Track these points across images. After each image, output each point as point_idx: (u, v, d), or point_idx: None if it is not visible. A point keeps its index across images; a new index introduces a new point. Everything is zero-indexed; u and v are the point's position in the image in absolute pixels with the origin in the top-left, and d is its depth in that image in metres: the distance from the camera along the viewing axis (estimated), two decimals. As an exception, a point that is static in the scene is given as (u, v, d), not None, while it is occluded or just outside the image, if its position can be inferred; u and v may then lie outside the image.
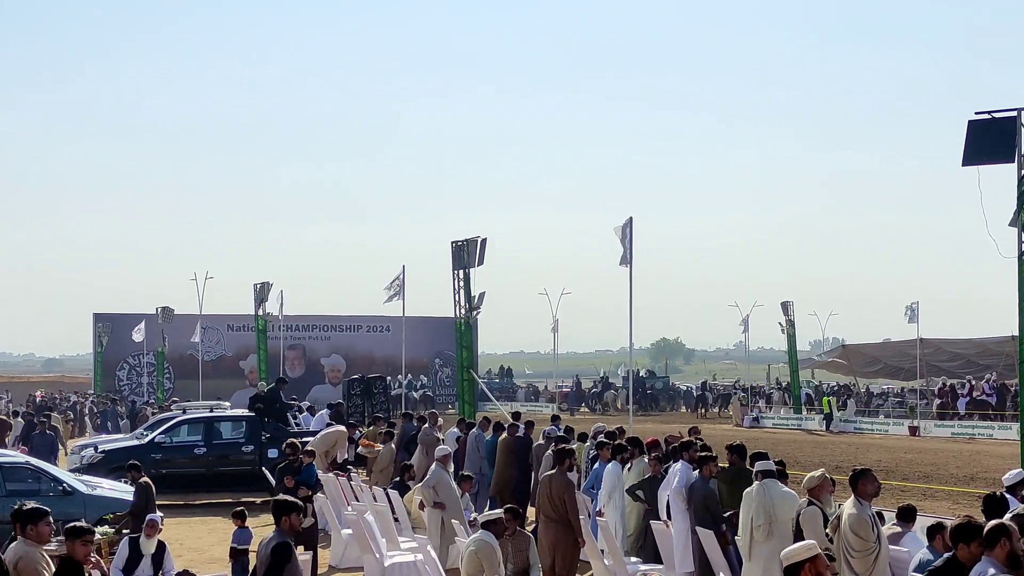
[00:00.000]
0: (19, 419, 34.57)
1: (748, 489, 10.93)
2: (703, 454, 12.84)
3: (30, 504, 8.89)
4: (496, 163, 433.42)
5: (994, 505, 9.29)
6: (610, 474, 14.44)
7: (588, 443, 17.73)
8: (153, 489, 14.74)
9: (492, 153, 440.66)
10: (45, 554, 8.52)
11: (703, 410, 59.88)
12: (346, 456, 21.28)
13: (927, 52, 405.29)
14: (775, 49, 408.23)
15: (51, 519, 8.71)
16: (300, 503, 9.13)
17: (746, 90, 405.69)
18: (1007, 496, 10.34)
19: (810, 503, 10.06)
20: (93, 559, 9.16)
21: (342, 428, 21.29)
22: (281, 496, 9.55)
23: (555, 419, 22.37)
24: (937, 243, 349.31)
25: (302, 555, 12.09)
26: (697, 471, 12.43)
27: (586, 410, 62.90)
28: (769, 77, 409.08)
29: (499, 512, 10.95)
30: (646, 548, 13.78)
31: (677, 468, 13.12)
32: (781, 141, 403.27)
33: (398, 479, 17.67)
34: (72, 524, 8.57)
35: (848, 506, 9.19)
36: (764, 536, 10.41)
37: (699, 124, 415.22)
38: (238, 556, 13.56)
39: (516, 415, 21.34)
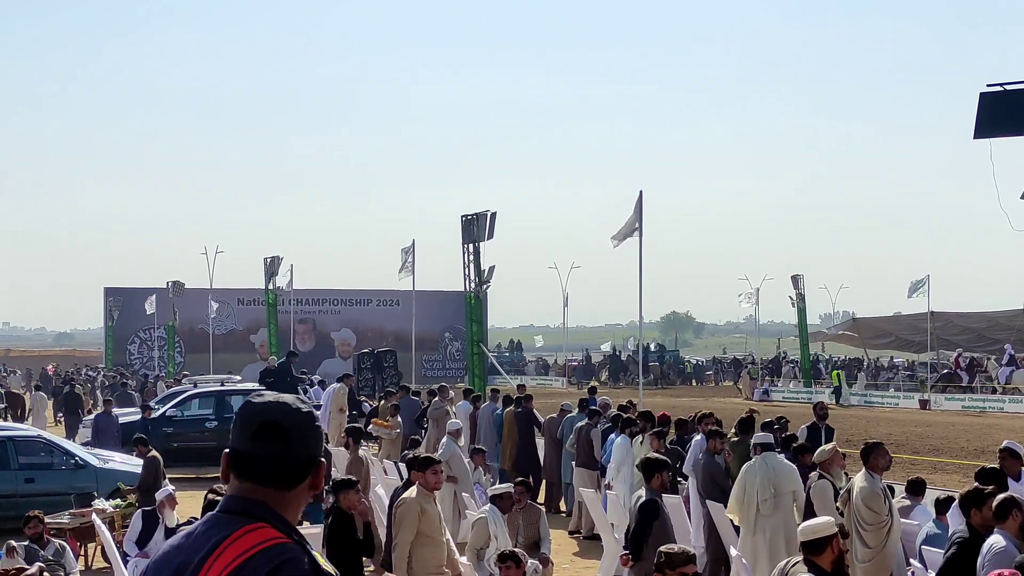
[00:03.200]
0: (41, 393, 34.62)
1: (748, 463, 10.89)
2: (710, 428, 12.83)
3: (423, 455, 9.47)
4: (506, 137, 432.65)
5: (989, 477, 9.29)
6: (619, 448, 14.43)
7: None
8: (161, 462, 14.77)
9: (502, 127, 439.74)
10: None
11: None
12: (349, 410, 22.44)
13: (940, 21, 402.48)
14: (788, 19, 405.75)
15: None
16: (668, 461, 9.37)
17: (757, 61, 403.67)
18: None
19: (820, 476, 10.05)
20: None
21: (338, 384, 22.53)
22: (652, 454, 9.72)
23: (592, 391, 22.31)
24: (948, 216, 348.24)
25: (314, 528, 12.14)
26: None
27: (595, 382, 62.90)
28: (780, 48, 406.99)
29: (507, 487, 10.97)
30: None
31: (696, 440, 13.11)
32: (792, 113, 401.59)
33: (408, 453, 17.77)
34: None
35: (859, 479, 9.16)
36: (770, 510, 10.29)
37: (709, 96, 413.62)
38: None
39: (522, 387, 21.58)
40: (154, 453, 14.77)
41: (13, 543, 10.70)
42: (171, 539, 2.72)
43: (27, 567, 9.50)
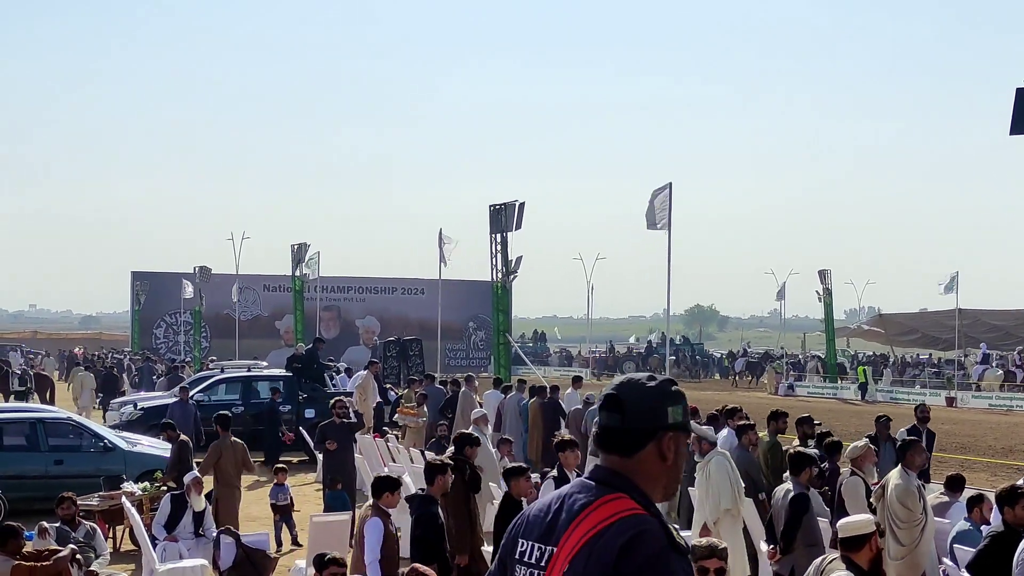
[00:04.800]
0: (89, 373, 34.52)
1: (712, 462, 10.63)
2: (742, 423, 12.76)
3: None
4: (530, 130, 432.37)
5: None
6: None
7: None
8: (191, 446, 14.82)
9: (525, 121, 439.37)
10: None
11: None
12: (377, 399, 22.52)
13: (975, 20, 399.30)
14: (820, 17, 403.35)
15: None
16: (816, 457, 9.47)
17: (786, 58, 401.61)
18: None
19: (852, 473, 9.98)
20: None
21: (364, 372, 22.95)
22: (797, 447, 9.74)
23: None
24: (978, 213, 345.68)
25: (340, 515, 12.18)
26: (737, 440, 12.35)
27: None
28: (811, 45, 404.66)
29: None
30: (682, 515, 13.75)
31: (723, 435, 13.04)
32: (822, 108, 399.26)
33: (434, 439, 17.78)
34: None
35: (895, 476, 9.09)
36: (738, 509, 10.01)
37: (738, 91, 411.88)
38: (280, 512, 13.70)
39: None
40: (184, 437, 14.83)
41: (45, 524, 10.75)
42: (545, 497, 2.94)
43: (59, 549, 9.54)
